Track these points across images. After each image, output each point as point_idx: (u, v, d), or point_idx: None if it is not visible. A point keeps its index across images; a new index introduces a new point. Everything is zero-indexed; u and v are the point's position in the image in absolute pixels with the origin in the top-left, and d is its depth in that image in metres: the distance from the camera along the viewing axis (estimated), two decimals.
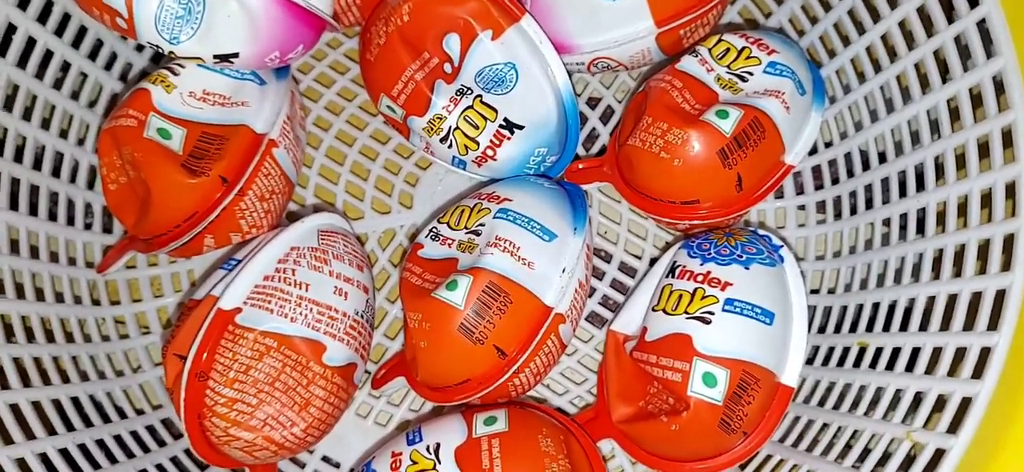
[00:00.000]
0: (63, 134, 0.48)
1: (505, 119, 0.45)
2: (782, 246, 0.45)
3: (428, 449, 0.42)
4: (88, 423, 0.45)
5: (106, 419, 0.46)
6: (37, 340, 0.45)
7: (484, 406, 0.46)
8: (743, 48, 0.45)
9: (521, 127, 0.46)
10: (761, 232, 0.46)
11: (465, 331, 0.42)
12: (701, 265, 0.44)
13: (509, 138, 0.46)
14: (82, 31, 0.48)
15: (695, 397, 0.41)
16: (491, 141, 0.46)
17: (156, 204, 0.44)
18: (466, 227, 0.45)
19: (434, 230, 0.46)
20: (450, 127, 0.45)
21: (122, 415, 0.48)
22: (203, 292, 0.44)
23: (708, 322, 0.42)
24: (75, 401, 0.45)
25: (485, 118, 0.45)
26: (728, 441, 0.42)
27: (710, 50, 0.45)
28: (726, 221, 0.46)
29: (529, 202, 0.44)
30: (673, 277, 0.44)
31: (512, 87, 0.45)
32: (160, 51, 0.43)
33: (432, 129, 0.46)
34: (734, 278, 0.42)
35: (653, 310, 0.44)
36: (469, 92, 0.45)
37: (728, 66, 0.45)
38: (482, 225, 0.44)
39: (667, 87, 0.44)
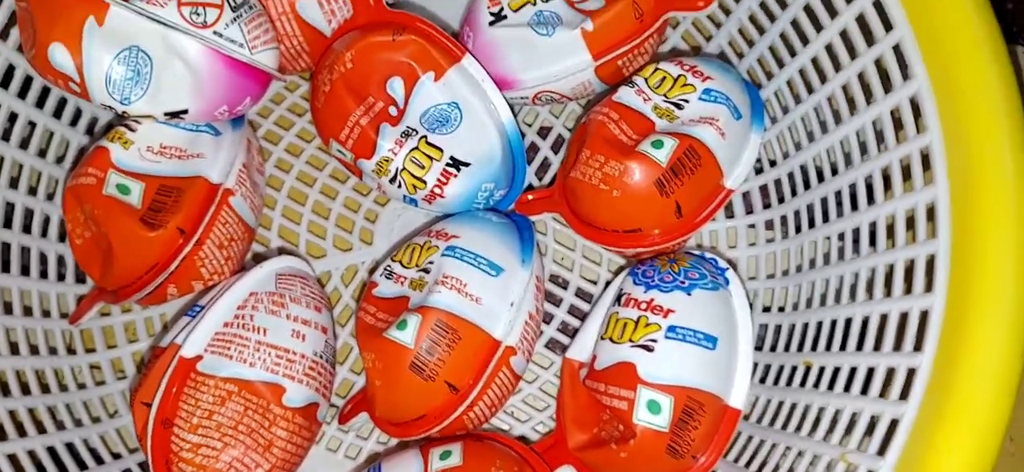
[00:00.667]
0: (32, 191, 0.50)
1: (451, 158, 0.47)
2: (727, 269, 0.46)
3: None
4: (64, 471, 0.46)
5: (82, 466, 0.48)
6: (12, 394, 0.46)
7: (443, 439, 0.47)
8: (678, 76, 0.46)
9: (467, 164, 0.47)
10: (708, 255, 0.47)
11: (416, 369, 0.43)
12: (645, 292, 0.44)
13: (456, 175, 0.47)
14: (45, 91, 0.50)
15: (641, 425, 0.42)
16: (438, 179, 0.47)
17: (118, 258, 0.46)
18: (417, 265, 0.46)
19: (388, 268, 0.47)
20: (397, 168, 0.47)
21: (98, 460, 0.49)
22: (168, 339, 0.46)
23: (651, 350, 0.42)
24: (51, 450, 0.46)
25: (430, 158, 0.46)
26: (678, 466, 0.43)
27: (647, 80, 0.46)
28: (670, 247, 0.47)
29: (476, 238, 0.46)
30: (619, 305, 0.45)
31: (457, 126, 0.46)
32: (115, 110, 0.45)
33: (380, 170, 0.47)
34: (676, 305, 0.43)
35: (601, 339, 0.45)
36: (414, 133, 0.46)
37: (665, 94, 0.46)
38: (431, 262, 0.45)
39: (604, 120, 0.45)
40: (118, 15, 0.43)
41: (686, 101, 0.45)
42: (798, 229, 0.48)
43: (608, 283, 0.51)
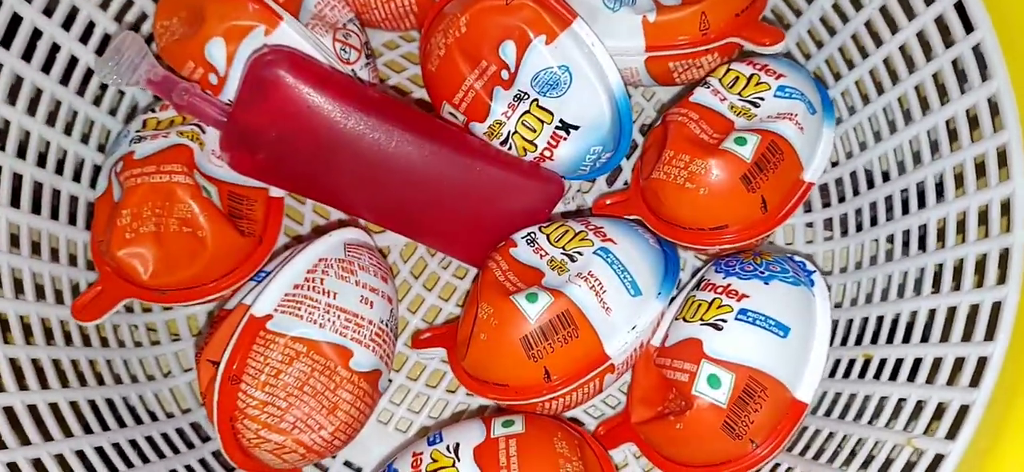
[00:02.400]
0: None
1: (561, 121, 0.48)
2: (815, 272, 0.46)
3: (448, 448, 0.44)
4: (122, 424, 0.47)
5: (138, 421, 0.48)
6: (74, 344, 0.47)
7: (502, 409, 0.47)
8: (751, 75, 0.47)
9: (577, 127, 0.48)
10: (797, 258, 0.47)
11: (526, 344, 0.44)
12: (724, 278, 0.46)
13: (565, 138, 0.48)
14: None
15: (698, 396, 0.42)
16: (548, 142, 0.48)
17: (207, 260, 0.47)
18: (564, 248, 0.46)
19: (532, 236, 0.48)
20: (509, 131, 0.48)
21: (153, 417, 0.50)
22: (234, 303, 0.46)
23: (720, 328, 0.43)
24: (110, 402, 0.47)
25: (542, 121, 0.47)
26: (735, 447, 0.43)
27: (721, 80, 0.47)
28: (754, 243, 0.47)
29: (631, 253, 0.46)
30: (697, 289, 0.46)
31: (566, 89, 0.47)
32: None
33: (492, 134, 0.48)
34: (752, 291, 0.44)
35: (675, 319, 0.46)
36: (526, 97, 0.47)
37: (739, 93, 0.47)
38: (580, 253, 0.46)
39: (685, 120, 0.46)
40: (285, 32, 0.46)
41: (762, 99, 0.46)
42: (859, 227, 0.50)
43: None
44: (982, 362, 0.37)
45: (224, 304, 0.48)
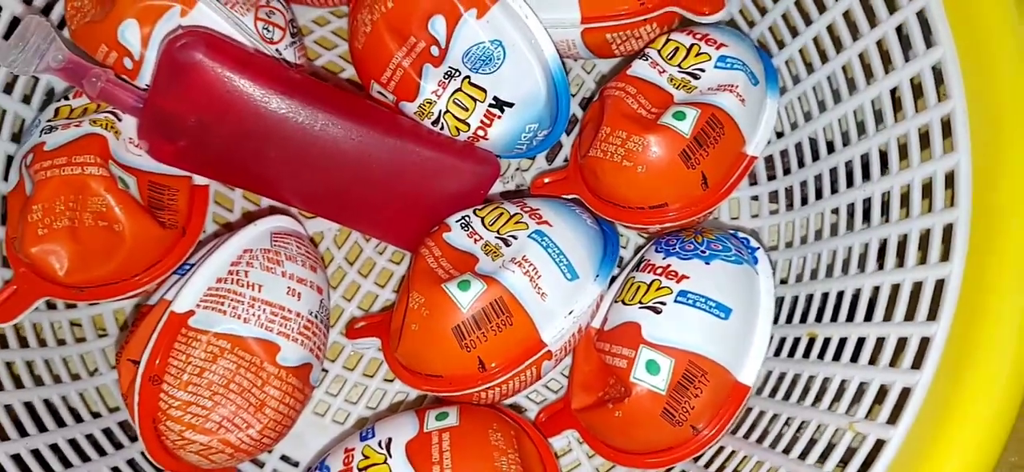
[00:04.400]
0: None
1: (495, 98, 0.45)
2: (759, 249, 0.45)
3: (380, 444, 0.42)
4: (42, 428, 0.44)
5: (60, 423, 0.46)
6: None
7: (437, 401, 0.46)
8: (692, 45, 0.45)
9: (511, 104, 0.46)
10: (741, 234, 0.46)
11: (458, 334, 0.42)
12: (664, 259, 0.44)
13: (499, 116, 0.46)
14: None
15: (637, 384, 0.41)
16: (482, 121, 0.46)
17: (125, 254, 0.44)
18: (498, 232, 0.44)
19: (466, 219, 0.45)
20: (440, 110, 0.45)
21: (78, 418, 0.47)
22: (157, 297, 0.44)
23: (659, 312, 0.42)
24: (28, 406, 0.45)
25: (474, 99, 0.45)
26: (676, 433, 0.42)
27: (659, 51, 0.45)
28: (696, 220, 0.46)
29: (567, 234, 0.44)
30: (637, 271, 0.45)
31: (500, 65, 0.45)
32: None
33: (423, 113, 0.46)
34: (692, 272, 0.43)
35: (615, 301, 0.45)
36: (457, 74, 0.45)
37: (679, 65, 0.45)
38: (515, 237, 0.44)
39: (622, 95, 0.45)
40: (202, 12, 0.43)
41: (702, 71, 0.44)
42: (804, 200, 0.48)
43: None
44: (925, 343, 0.36)
45: (148, 299, 0.45)
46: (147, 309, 0.44)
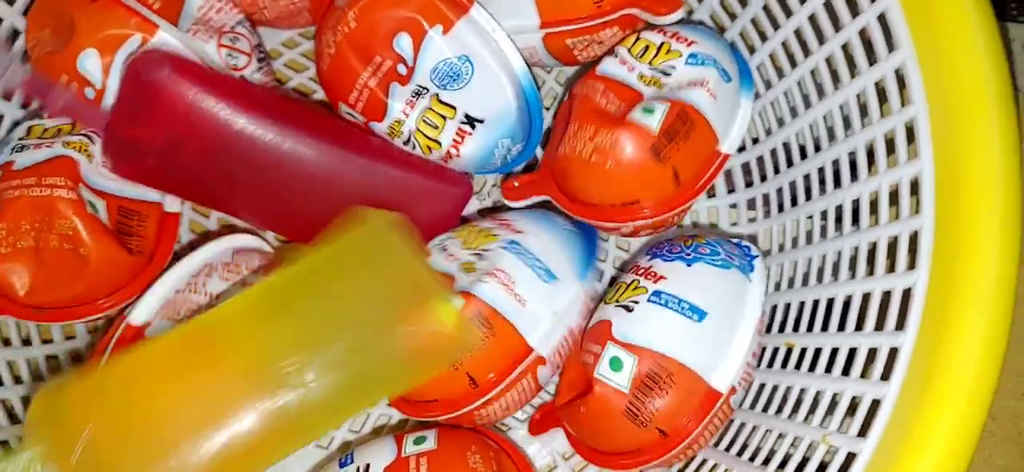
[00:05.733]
0: None
1: (465, 115, 0.45)
2: (758, 257, 0.44)
3: (358, 470, 0.42)
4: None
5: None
6: None
7: (419, 425, 0.46)
8: (662, 43, 0.44)
9: (482, 121, 0.45)
10: (743, 243, 0.45)
11: None
12: (648, 261, 0.44)
13: (471, 133, 0.45)
14: None
15: (599, 379, 0.41)
16: (453, 139, 0.45)
17: (90, 279, 0.44)
18: (473, 248, 0.44)
19: (443, 244, 0.45)
20: (410, 130, 0.45)
21: None
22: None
23: (631, 310, 0.42)
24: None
25: (444, 117, 0.45)
26: (642, 435, 0.41)
27: (629, 50, 0.45)
28: (669, 218, 0.45)
29: (541, 238, 0.44)
30: (623, 272, 0.45)
31: (468, 80, 0.45)
32: None
33: (393, 133, 0.46)
34: (670, 273, 0.42)
35: (601, 302, 0.45)
36: (425, 91, 0.45)
37: (649, 63, 0.44)
38: (488, 250, 0.44)
39: (590, 92, 0.44)
40: (162, 40, 0.43)
41: (673, 68, 0.43)
42: (781, 208, 0.47)
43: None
44: (893, 353, 0.35)
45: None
46: (111, 332, 0.44)
